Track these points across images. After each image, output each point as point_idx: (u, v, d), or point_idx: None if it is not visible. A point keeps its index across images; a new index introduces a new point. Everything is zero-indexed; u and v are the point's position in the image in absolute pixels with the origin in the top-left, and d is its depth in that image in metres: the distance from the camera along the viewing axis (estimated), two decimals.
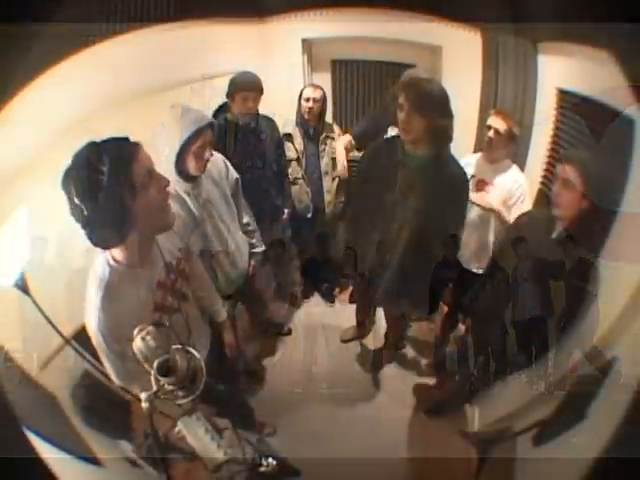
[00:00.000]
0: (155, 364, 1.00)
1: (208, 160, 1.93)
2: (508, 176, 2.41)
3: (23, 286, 1.59)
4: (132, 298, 1.36)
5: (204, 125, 1.83)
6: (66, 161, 1.11)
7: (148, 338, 1.01)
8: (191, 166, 1.89)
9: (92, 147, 1.11)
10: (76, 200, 1.09)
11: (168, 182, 1.28)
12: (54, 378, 1.75)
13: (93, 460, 1.74)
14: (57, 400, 1.74)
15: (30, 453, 0.89)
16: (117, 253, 1.30)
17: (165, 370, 1.02)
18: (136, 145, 1.18)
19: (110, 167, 1.08)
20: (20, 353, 1.56)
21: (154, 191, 1.22)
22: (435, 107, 1.80)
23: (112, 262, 1.31)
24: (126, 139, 1.18)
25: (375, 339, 3.47)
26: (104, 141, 1.13)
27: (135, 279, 1.37)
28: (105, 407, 1.93)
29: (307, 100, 2.94)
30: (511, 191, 2.39)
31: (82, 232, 1.15)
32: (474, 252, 2.59)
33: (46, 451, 1.39)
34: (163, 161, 1.84)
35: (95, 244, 1.19)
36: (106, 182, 1.07)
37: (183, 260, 1.62)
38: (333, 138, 3.14)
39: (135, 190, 1.14)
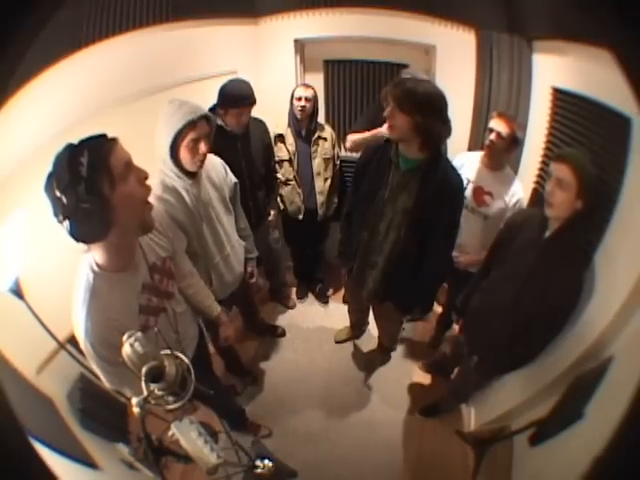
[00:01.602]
0: (144, 370, 0.99)
1: (205, 155, 1.89)
2: (509, 191, 2.37)
3: (17, 291, 1.57)
4: (118, 304, 1.36)
5: (197, 117, 1.76)
6: None
7: (136, 345, 1.00)
8: (185, 160, 1.85)
9: (71, 145, 1.12)
10: (57, 193, 1.09)
11: (147, 175, 1.27)
12: (50, 381, 1.74)
13: (90, 463, 1.73)
14: (54, 403, 1.72)
15: (30, 456, 0.88)
16: (100, 258, 1.30)
17: (154, 376, 1.02)
18: (113, 140, 1.19)
19: (89, 158, 1.09)
20: (16, 357, 1.54)
21: (133, 182, 1.21)
22: (416, 105, 1.77)
23: (96, 268, 1.30)
24: (103, 135, 1.18)
25: (369, 340, 3.47)
26: (82, 140, 1.14)
27: (119, 284, 1.36)
28: (102, 410, 1.92)
29: (299, 99, 2.91)
30: (508, 205, 2.37)
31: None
32: (472, 258, 2.57)
33: (43, 454, 1.38)
34: (160, 155, 1.83)
35: (76, 238, 1.16)
36: (85, 173, 1.08)
37: (168, 259, 1.62)
38: (325, 139, 3.13)
39: (113, 181, 1.14)
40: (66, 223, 1.12)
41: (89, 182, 1.09)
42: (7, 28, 0.71)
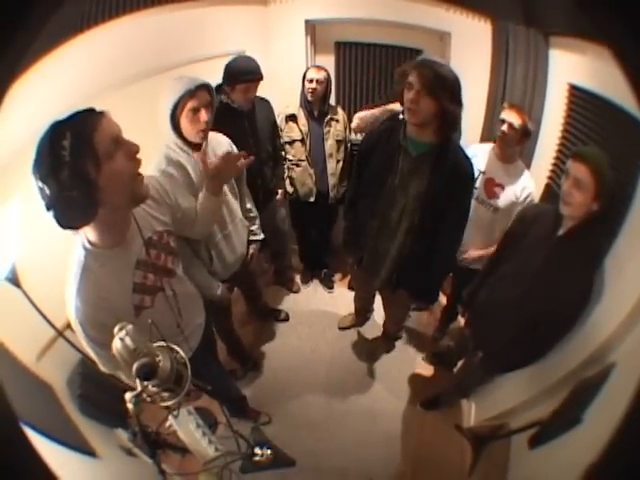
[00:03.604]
0: (135, 367, 0.93)
1: (207, 124, 1.86)
2: (519, 184, 2.33)
3: (14, 279, 1.56)
4: (109, 281, 1.31)
5: (194, 87, 1.76)
6: None
7: (127, 339, 0.94)
8: (187, 130, 1.84)
9: (55, 125, 1.06)
10: (40, 183, 1.06)
11: (138, 148, 1.21)
12: (50, 368, 1.74)
13: (88, 451, 1.74)
14: (53, 390, 1.73)
15: (26, 447, 0.87)
16: (91, 235, 1.26)
17: (146, 374, 0.95)
18: (99, 114, 1.13)
19: (72, 140, 1.04)
20: (15, 345, 1.54)
21: (122, 159, 1.16)
22: (447, 91, 1.73)
23: (87, 245, 1.26)
24: (90, 110, 1.12)
25: (373, 328, 3.47)
26: (66, 117, 1.08)
27: (111, 261, 1.31)
28: (101, 394, 1.92)
29: (310, 81, 2.87)
30: (519, 199, 2.32)
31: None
32: (479, 254, 2.53)
33: (40, 445, 1.39)
34: (162, 128, 1.83)
35: (63, 226, 1.13)
36: (68, 157, 1.04)
37: (166, 233, 1.56)
38: (337, 120, 3.10)
39: (99, 161, 1.09)
40: (51, 211, 1.08)
41: (72, 167, 1.05)
42: (7, 28, 0.69)
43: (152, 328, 1.11)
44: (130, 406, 1.00)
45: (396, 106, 2.62)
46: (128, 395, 0.99)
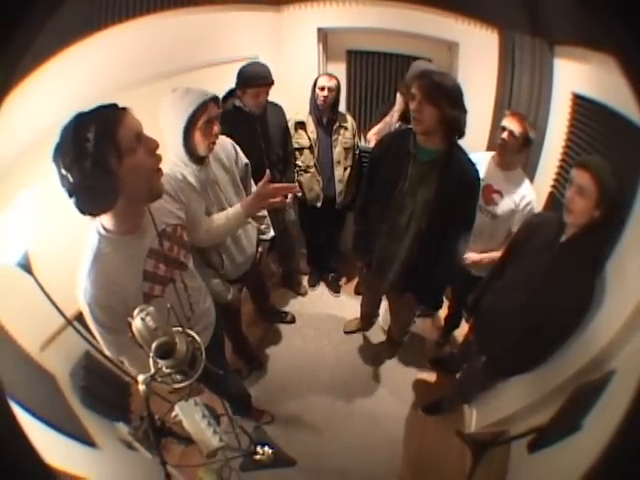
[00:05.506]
0: (154, 345, 0.97)
1: (217, 136, 1.89)
2: (519, 192, 2.32)
3: (26, 265, 1.59)
4: (120, 266, 1.35)
5: (208, 99, 1.77)
6: None
7: (148, 319, 0.97)
8: (200, 143, 1.84)
9: (79, 117, 1.11)
10: (63, 171, 1.10)
11: (157, 144, 1.26)
12: (54, 358, 1.76)
13: (89, 442, 1.76)
14: (56, 380, 1.74)
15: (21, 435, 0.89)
16: (107, 221, 1.30)
17: (164, 352, 0.99)
18: (123, 110, 1.17)
19: (96, 133, 1.08)
20: (20, 333, 1.57)
21: (142, 154, 1.21)
22: (447, 97, 1.79)
23: (102, 231, 1.31)
24: (114, 105, 1.17)
25: (378, 332, 3.48)
26: (91, 110, 1.13)
27: (124, 247, 1.36)
28: (104, 388, 1.94)
29: (322, 89, 2.91)
30: (518, 207, 2.32)
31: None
32: (480, 258, 2.52)
33: (40, 432, 1.41)
34: (169, 144, 1.83)
35: (83, 212, 1.18)
36: (92, 149, 1.08)
37: (180, 227, 1.60)
38: (346, 128, 3.13)
39: (121, 154, 1.14)
40: (73, 198, 1.13)
41: (95, 158, 1.09)
42: (7, 26, 0.71)
43: (170, 314, 1.14)
44: (142, 387, 1.02)
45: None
46: (141, 377, 1.02)
